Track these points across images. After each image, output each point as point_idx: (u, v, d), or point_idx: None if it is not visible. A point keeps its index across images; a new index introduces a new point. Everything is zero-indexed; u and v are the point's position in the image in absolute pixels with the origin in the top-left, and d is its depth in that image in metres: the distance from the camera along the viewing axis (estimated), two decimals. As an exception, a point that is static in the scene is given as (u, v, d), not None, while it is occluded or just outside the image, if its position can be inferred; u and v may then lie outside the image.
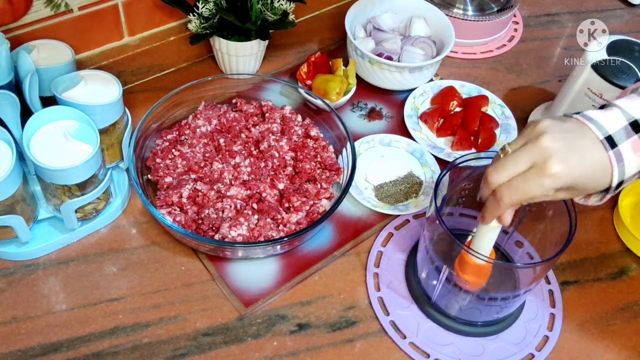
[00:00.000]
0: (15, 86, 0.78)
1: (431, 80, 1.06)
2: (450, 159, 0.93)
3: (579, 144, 0.58)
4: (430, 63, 0.99)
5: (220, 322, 0.75)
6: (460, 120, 0.98)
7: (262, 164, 0.86)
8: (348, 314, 0.77)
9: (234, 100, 0.94)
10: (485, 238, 0.70)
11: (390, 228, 0.86)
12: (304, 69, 1.00)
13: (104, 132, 0.80)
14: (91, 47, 1.03)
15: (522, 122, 1.02)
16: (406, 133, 0.97)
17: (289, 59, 1.08)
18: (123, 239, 0.82)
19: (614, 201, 0.92)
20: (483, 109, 1.01)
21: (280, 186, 0.84)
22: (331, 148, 0.90)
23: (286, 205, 0.82)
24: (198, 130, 0.89)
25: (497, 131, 1.00)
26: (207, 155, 0.87)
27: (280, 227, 0.80)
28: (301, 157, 0.87)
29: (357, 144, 0.94)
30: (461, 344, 0.76)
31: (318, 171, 0.87)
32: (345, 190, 0.81)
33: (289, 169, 0.87)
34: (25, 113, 0.76)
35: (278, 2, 0.97)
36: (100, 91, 0.79)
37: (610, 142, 0.58)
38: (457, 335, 0.76)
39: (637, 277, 0.85)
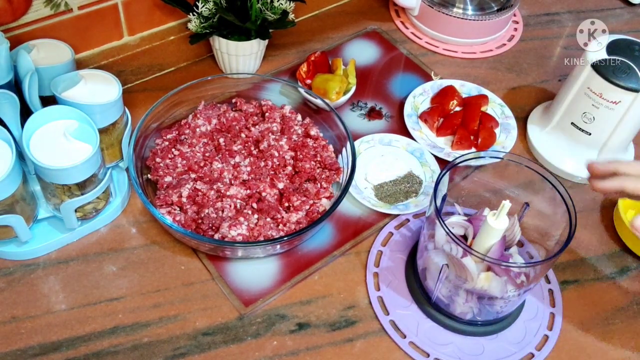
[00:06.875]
0: (15, 86, 0.78)
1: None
2: (450, 159, 0.93)
3: None
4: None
5: (220, 321, 0.75)
6: (460, 120, 0.98)
7: (262, 164, 0.86)
8: (348, 313, 0.77)
9: (233, 100, 0.94)
10: (487, 238, 0.70)
11: (390, 227, 0.86)
12: (304, 68, 1.00)
13: (104, 132, 0.80)
14: (91, 46, 1.03)
15: (522, 121, 1.02)
16: (406, 132, 0.97)
17: (289, 59, 1.08)
18: (123, 238, 0.82)
19: (614, 201, 0.92)
20: (483, 109, 1.01)
21: (280, 186, 0.84)
22: (331, 147, 0.90)
23: (286, 204, 0.82)
24: (198, 129, 0.89)
25: (497, 130, 1.00)
26: (206, 154, 0.87)
27: (280, 226, 0.80)
28: (301, 156, 0.87)
29: (357, 143, 0.94)
30: (461, 344, 0.76)
31: (318, 170, 0.87)
32: (345, 190, 0.81)
33: (289, 168, 0.87)
34: (25, 112, 0.76)
35: (278, 1, 0.97)
36: (100, 91, 0.79)
37: None
38: (457, 335, 0.76)
39: (637, 277, 0.85)
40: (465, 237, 0.75)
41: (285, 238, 0.76)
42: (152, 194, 0.83)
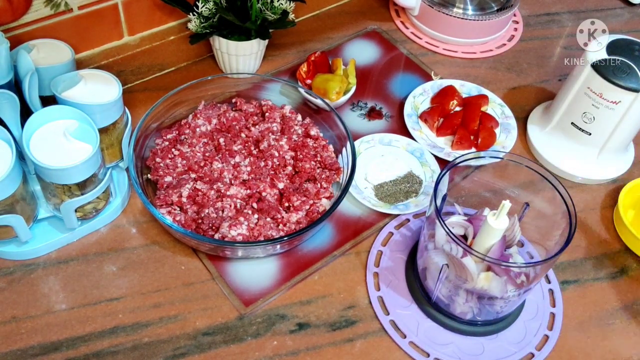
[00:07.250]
0: (15, 85, 0.78)
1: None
2: (450, 159, 0.93)
3: None
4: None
5: (220, 321, 0.75)
6: (460, 120, 0.98)
7: (262, 164, 0.86)
8: (348, 313, 0.77)
9: (233, 100, 0.94)
10: (487, 238, 0.70)
11: (390, 227, 0.86)
12: (304, 68, 1.00)
13: (104, 132, 0.80)
14: (91, 46, 1.03)
15: (522, 121, 1.02)
16: (406, 132, 0.97)
17: (289, 59, 1.08)
18: (123, 238, 0.82)
19: (614, 200, 0.92)
20: (483, 109, 1.01)
21: (280, 185, 0.84)
22: (331, 147, 0.90)
23: (286, 204, 0.82)
24: (198, 129, 0.89)
25: (497, 130, 1.00)
26: (207, 154, 0.87)
27: (280, 226, 0.80)
28: (301, 156, 0.87)
29: (357, 143, 0.94)
30: (461, 344, 0.76)
31: (318, 170, 0.87)
32: (345, 190, 0.81)
33: (289, 168, 0.87)
34: (25, 112, 0.76)
35: (278, 1, 0.97)
36: (100, 90, 0.79)
37: None
38: (457, 335, 0.76)
39: (637, 277, 0.85)
40: (465, 237, 0.75)
41: (285, 238, 0.76)
42: (152, 194, 0.83)
